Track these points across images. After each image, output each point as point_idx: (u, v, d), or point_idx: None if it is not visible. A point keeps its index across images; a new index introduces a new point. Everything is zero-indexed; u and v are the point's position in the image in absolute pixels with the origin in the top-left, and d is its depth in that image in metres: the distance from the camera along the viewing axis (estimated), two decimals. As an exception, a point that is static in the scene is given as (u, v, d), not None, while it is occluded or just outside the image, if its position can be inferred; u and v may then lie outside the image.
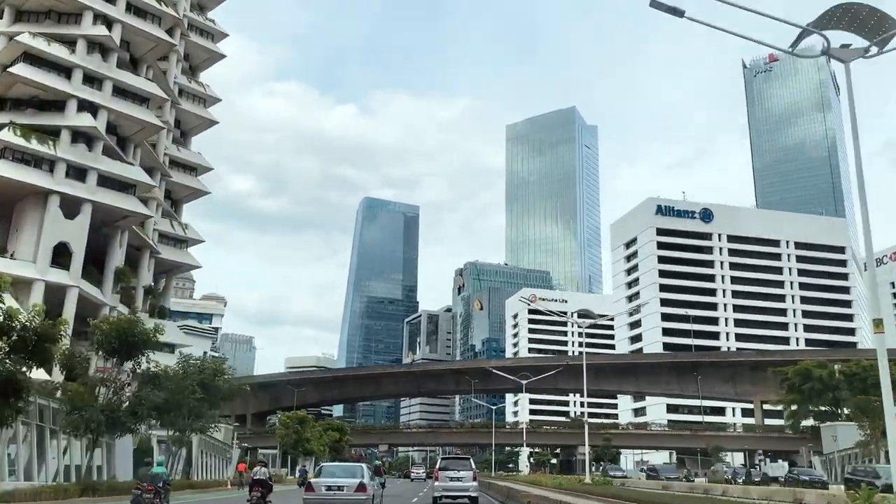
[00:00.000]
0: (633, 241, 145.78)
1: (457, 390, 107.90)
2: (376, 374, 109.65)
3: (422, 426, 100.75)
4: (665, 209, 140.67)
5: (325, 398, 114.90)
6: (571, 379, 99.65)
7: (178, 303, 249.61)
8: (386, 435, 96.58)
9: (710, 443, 80.00)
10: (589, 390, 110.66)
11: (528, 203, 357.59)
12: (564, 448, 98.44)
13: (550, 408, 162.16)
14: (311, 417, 61.19)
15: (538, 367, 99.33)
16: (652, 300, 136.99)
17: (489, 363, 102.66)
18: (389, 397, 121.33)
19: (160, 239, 78.04)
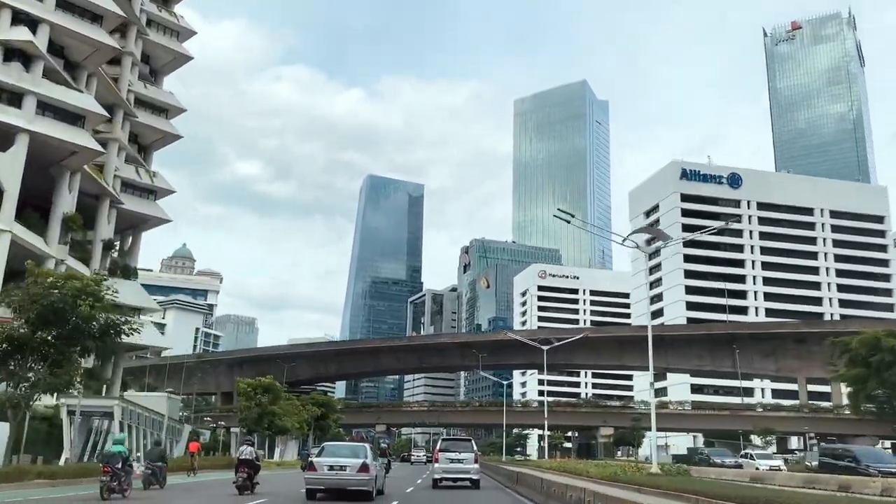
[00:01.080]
0: (655, 208, 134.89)
1: (462, 365, 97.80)
2: (374, 347, 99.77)
3: (423, 405, 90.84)
4: (690, 173, 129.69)
5: (320, 374, 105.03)
6: (591, 354, 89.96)
7: (173, 279, 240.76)
8: (384, 413, 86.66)
9: (757, 424, 69.76)
10: (611, 366, 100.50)
11: (536, 182, 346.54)
12: (582, 430, 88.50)
13: (560, 389, 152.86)
14: (280, 387, 50.91)
15: (549, 340, 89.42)
16: (675, 271, 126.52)
17: (498, 335, 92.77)
18: (389, 373, 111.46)
19: (123, 188, 67.90)
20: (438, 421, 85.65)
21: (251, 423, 43.64)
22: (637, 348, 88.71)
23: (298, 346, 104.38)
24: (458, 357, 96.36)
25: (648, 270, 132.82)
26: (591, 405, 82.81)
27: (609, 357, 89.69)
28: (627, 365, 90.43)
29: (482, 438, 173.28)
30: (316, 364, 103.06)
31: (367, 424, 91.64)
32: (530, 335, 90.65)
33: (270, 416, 44.30)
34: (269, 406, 44.39)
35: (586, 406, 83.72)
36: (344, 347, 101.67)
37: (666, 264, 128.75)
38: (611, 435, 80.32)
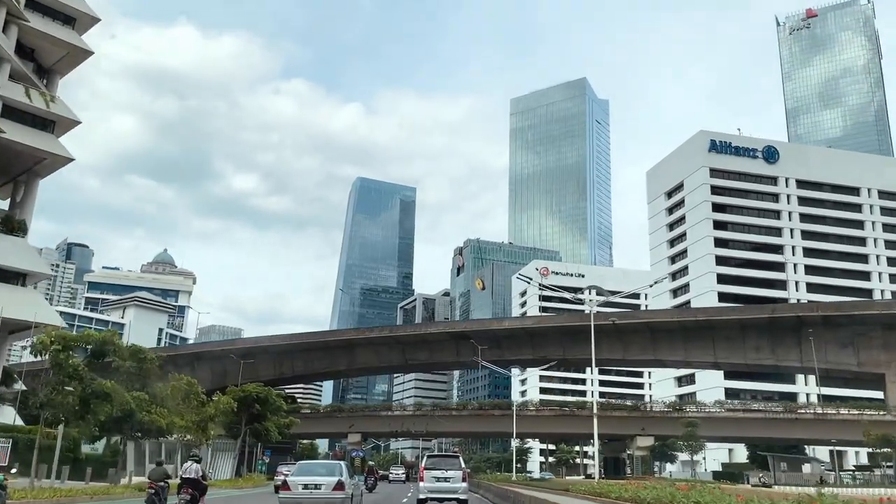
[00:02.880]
0: (679, 187, 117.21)
1: (457, 362, 79.35)
2: (348, 340, 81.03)
3: (408, 408, 71.96)
4: (720, 145, 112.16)
5: (284, 374, 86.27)
6: (618, 345, 71.88)
7: (141, 277, 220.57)
8: (358, 419, 68.06)
9: (868, 431, 51.54)
10: (643, 362, 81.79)
11: (533, 182, 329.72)
12: (610, 440, 69.93)
13: (563, 386, 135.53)
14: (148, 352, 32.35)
15: (568, 329, 71.52)
16: (704, 258, 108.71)
17: (503, 322, 74.71)
18: (367, 372, 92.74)
19: (6, 113, 49.58)
20: (427, 429, 67.11)
21: (66, 412, 24.56)
22: (675, 338, 70.76)
23: (252, 340, 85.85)
24: (451, 351, 78.02)
25: (670, 259, 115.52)
26: (628, 408, 64.23)
27: (639, 350, 71.54)
28: (664, 360, 72.20)
29: (476, 453, 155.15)
30: (279, 362, 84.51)
31: (337, 434, 73.20)
32: (540, 321, 72.57)
33: (103, 402, 25.25)
34: (102, 384, 25.33)
35: (619, 410, 64.81)
36: (311, 340, 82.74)
37: (694, 250, 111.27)
38: (650, 447, 62.18)
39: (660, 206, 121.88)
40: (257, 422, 40.21)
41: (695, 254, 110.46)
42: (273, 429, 40.34)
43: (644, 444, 60.48)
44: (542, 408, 63.82)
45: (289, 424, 50.16)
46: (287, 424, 49.18)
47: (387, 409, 69.30)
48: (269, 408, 41.46)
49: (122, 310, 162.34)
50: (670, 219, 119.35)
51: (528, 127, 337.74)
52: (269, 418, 40.94)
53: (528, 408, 62.60)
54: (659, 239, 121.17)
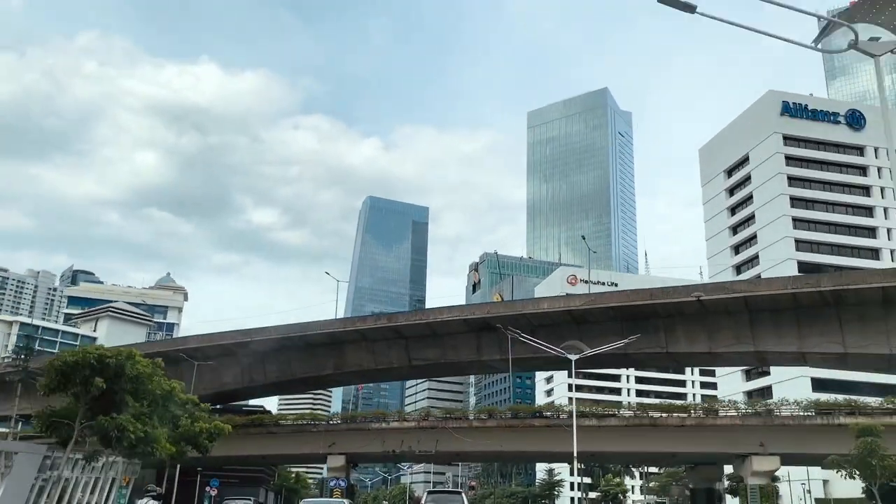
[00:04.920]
0: (743, 161, 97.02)
1: (478, 362, 58.46)
2: (333, 333, 60.78)
3: (410, 417, 51.22)
4: (794, 108, 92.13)
5: (255, 380, 66.11)
6: (702, 334, 51.74)
7: (126, 291, 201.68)
8: (339, 434, 47.46)
9: None
10: (739, 354, 58.39)
11: (553, 199, 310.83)
12: (697, 465, 48.72)
13: (595, 383, 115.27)
14: None
15: (630, 311, 51.27)
16: (778, 243, 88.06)
17: (542, 303, 54.62)
18: (361, 378, 70.80)
19: None
20: (437, 448, 46.58)
21: None
22: (784, 320, 49.93)
23: (208, 337, 66.11)
24: (470, 346, 57.75)
25: (734, 249, 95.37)
26: (738, 414, 42.60)
27: (732, 338, 50.74)
28: (767, 351, 51.04)
29: (498, 486, 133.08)
30: (248, 366, 64.79)
31: (311, 457, 52.90)
32: (592, 301, 52.20)
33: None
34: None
35: (723, 416, 42.76)
36: (286, 335, 62.52)
37: (765, 235, 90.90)
38: (772, 472, 41.29)
39: (717, 187, 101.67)
40: (105, 412, 20.69)
41: (766, 239, 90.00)
42: (137, 427, 20.81)
43: (764, 467, 39.74)
44: (609, 414, 42.92)
45: (203, 432, 30.56)
46: (200, 432, 29.66)
47: (379, 420, 48.77)
48: (124, 385, 21.71)
49: (95, 322, 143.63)
50: (731, 201, 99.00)
51: (546, 140, 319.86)
52: (131, 406, 21.29)
53: (586, 416, 42.09)
54: (717, 226, 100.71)
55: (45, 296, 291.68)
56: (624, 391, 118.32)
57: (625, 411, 43.63)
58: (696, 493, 47.37)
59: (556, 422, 43.38)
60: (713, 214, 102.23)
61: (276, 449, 52.43)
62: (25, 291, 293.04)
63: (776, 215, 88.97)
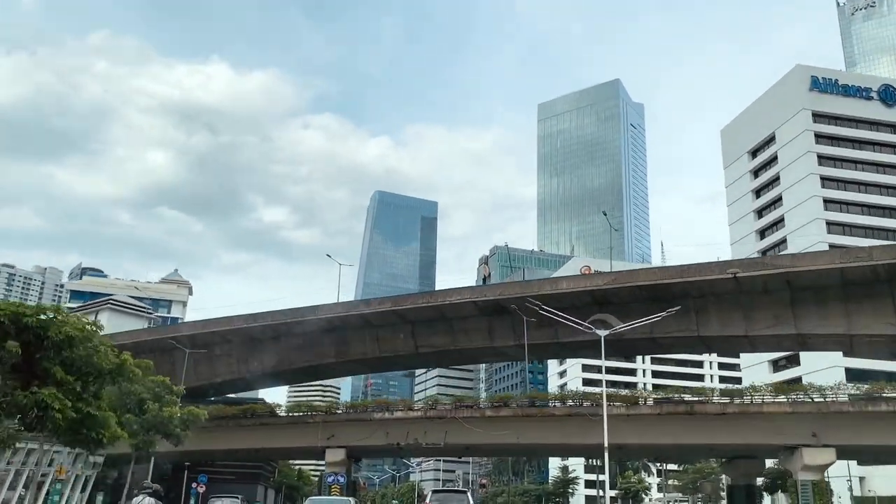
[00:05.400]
0: (769, 141, 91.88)
1: (490, 348, 53.81)
2: (333, 319, 56.28)
3: (416, 406, 46.80)
4: (824, 83, 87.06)
5: (251, 370, 61.60)
6: (735, 315, 47.08)
7: (128, 286, 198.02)
8: (338, 426, 43.01)
9: None
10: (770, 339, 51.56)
11: (564, 194, 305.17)
12: (734, 458, 43.51)
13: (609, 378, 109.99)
14: None
15: (657, 290, 46.33)
16: (808, 225, 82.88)
17: (560, 283, 49.84)
18: (365, 367, 64.81)
19: None
20: (446, 441, 42.01)
21: None
22: (829, 298, 45.00)
23: (202, 324, 61.72)
24: (481, 332, 53.11)
25: (759, 234, 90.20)
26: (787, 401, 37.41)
27: (771, 320, 45.81)
28: (810, 334, 46.09)
29: (509, 484, 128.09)
30: (243, 354, 60.36)
31: (307, 449, 48.39)
32: (615, 280, 47.40)
33: None
34: None
35: (770, 402, 37.36)
36: (283, 322, 57.93)
37: (793, 219, 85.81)
38: (826, 466, 36.15)
39: (741, 169, 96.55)
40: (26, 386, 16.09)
41: (795, 222, 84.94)
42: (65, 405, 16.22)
43: (817, 460, 34.76)
44: (639, 401, 38.02)
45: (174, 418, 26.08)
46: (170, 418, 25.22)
47: (382, 409, 44.28)
48: (48, 352, 17.13)
49: (94, 315, 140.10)
50: (756, 183, 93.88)
51: (556, 133, 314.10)
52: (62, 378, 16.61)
53: (613, 402, 37.14)
54: (741, 210, 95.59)
55: (52, 292, 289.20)
56: (640, 382, 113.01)
57: (657, 396, 38.75)
58: (733, 490, 42.50)
59: (580, 410, 38.66)
60: (737, 198, 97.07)
61: (270, 442, 47.97)
62: (33, 288, 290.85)
63: (805, 196, 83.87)
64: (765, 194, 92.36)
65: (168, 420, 27.73)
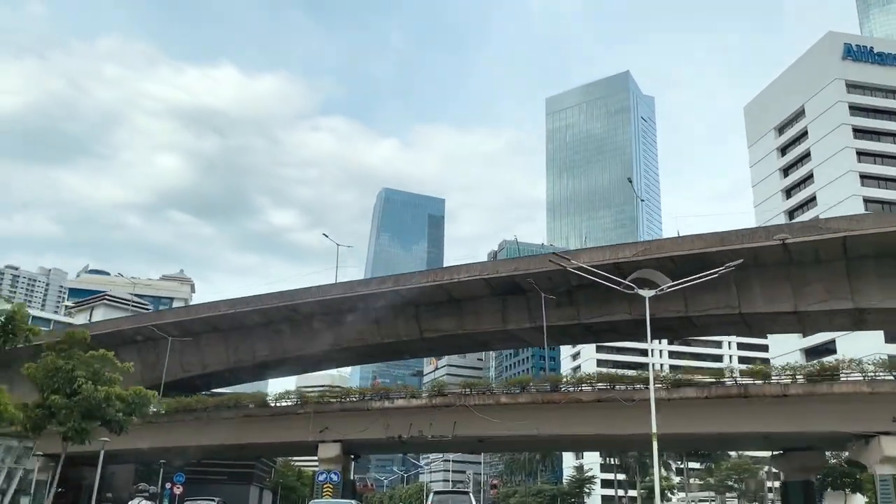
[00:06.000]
0: (797, 115, 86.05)
1: (503, 332, 48.14)
2: (330, 302, 50.76)
3: (420, 393, 41.49)
4: (858, 51, 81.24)
5: (242, 361, 56.09)
6: (782, 286, 41.28)
7: (129, 283, 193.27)
8: (332, 417, 37.07)
9: None
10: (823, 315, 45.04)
11: (573, 190, 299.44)
12: (787, 450, 37.64)
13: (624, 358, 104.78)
14: None
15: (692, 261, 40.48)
16: (844, 203, 76.75)
17: (581, 256, 44.13)
18: (365, 357, 58.43)
19: None
20: (454, 433, 36.47)
21: None
22: (891, 266, 39.56)
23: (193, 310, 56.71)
24: (493, 314, 47.52)
25: (788, 214, 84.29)
26: (863, 379, 31.57)
27: (824, 292, 39.90)
28: (868, 308, 40.03)
29: (521, 484, 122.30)
30: (234, 343, 55.11)
31: (299, 446, 42.77)
32: (644, 251, 41.74)
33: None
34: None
35: (841, 381, 31.28)
36: (275, 305, 52.31)
37: (826, 196, 79.89)
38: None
39: (766, 147, 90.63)
40: None
41: (828, 200, 78.86)
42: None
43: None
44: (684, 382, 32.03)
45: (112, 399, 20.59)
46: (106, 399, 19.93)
47: (381, 398, 38.70)
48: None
49: (90, 311, 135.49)
50: (784, 160, 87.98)
51: (566, 127, 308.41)
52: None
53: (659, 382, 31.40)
54: (767, 191, 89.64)
55: (56, 293, 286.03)
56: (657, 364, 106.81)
57: (705, 377, 33.02)
58: (788, 487, 36.66)
59: (612, 394, 33.00)
60: (762, 178, 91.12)
61: (256, 436, 42.50)
62: (37, 289, 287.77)
63: (840, 172, 77.94)
64: (793, 172, 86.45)
65: (104, 402, 22.31)
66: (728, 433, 33.10)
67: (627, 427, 33.39)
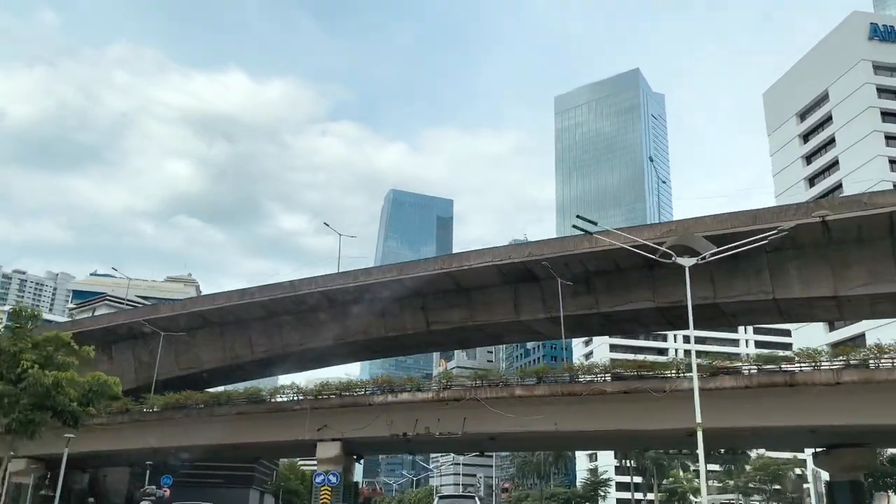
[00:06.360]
0: (821, 100, 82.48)
1: (517, 322, 44.87)
2: (331, 293, 47.59)
3: (427, 385, 38.33)
4: (886, 31, 77.60)
5: (240, 356, 52.88)
6: (821, 269, 37.81)
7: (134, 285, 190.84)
8: (331, 414, 33.99)
9: None
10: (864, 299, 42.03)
11: (583, 188, 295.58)
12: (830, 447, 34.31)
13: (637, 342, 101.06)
14: None
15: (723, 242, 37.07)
16: (873, 189, 73.05)
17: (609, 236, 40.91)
18: (368, 352, 55.53)
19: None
20: (463, 430, 33.15)
21: None
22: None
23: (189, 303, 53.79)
24: (505, 304, 44.20)
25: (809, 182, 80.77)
26: None
27: (867, 275, 36.52)
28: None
29: (534, 487, 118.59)
30: (230, 337, 52.17)
31: (296, 446, 39.53)
32: (671, 229, 38.43)
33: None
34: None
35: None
36: (275, 297, 49.07)
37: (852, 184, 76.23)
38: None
39: (788, 134, 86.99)
40: None
41: (855, 188, 75.09)
42: None
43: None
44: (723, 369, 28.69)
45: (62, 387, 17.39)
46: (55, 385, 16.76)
47: (383, 391, 35.48)
48: None
49: (92, 312, 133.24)
50: (807, 148, 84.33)
51: (575, 126, 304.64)
52: None
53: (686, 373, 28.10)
54: (789, 180, 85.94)
55: (64, 296, 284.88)
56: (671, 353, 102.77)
57: (745, 364, 29.54)
58: (834, 487, 33.15)
59: (642, 385, 29.62)
60: (783, 166, 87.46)
61: (250, 436, 39.31)
62: (45, 293, 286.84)
63: (867, 158, 74.25)
64: (816, 160, 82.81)
65: (54, 389, 19.08)
66: (771, 427, 29.59)
67: (657, 422, 30.02)
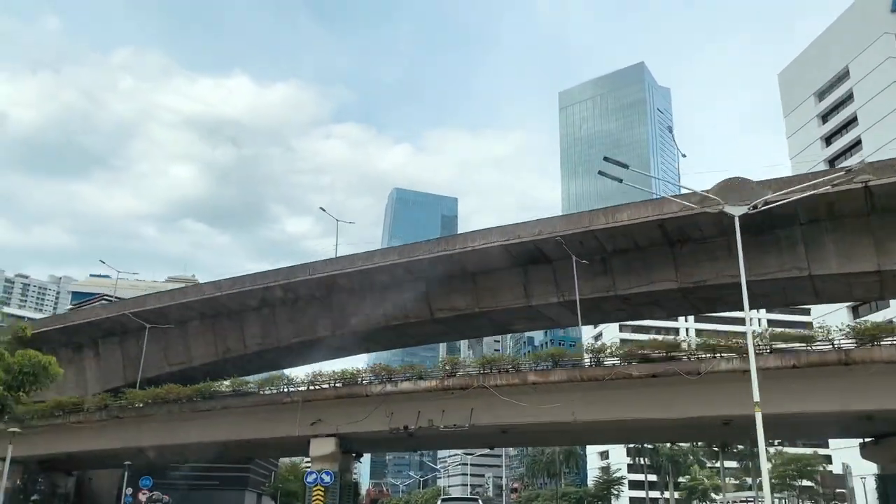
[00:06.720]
0: (841, 77, 78.86)
1: (527, 308, 41.45)
2: (326, 279, 44.27)
3: (430, 374, 35.31)
4: (909, 3, 74.18)
5: (231, 350, 49.62)
6: (862, 241, 34.13)
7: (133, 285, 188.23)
8: (325, 406, 30.82)
9: None
10: None
11: (588, 186, 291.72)
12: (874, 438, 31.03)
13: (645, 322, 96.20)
14: None
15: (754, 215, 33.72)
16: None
17: (620, 212, 37.50)
18: (368, 342, 52.54)
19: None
20: (471, 422, 29.96)
21: None
22: None
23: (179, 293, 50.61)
24: (514, 288, 40.83)
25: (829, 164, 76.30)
26: None
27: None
28: None
29: (544, 486, 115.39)
30: (221, 330, 49.01)
31: (288, 442, 36.29)
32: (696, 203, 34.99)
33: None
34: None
35: None
36: (267, 285, 45.97)
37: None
38: None
39: (806, 115, 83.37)
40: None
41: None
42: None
43: None
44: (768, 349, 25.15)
45: None
46: None
47: (381, 380, 32.19)
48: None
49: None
50: (826, 129, 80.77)
51: (579, 122, 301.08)
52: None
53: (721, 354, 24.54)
54: (808, 163, 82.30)
55: (67, 300, 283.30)
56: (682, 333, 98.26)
57: (791, 343, 26.11)
58: (886, 480, 29.67)
59: (673, 367, 26.21)
60: (801, 149, 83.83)
61: (237, 432, 36.03)
62: (48, 297, 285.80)
63: (891, 136, 70.58)
64: (837, 140, 79.23)
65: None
66: (822, 413, 26.13)
67: (689, 408, 26.64)
